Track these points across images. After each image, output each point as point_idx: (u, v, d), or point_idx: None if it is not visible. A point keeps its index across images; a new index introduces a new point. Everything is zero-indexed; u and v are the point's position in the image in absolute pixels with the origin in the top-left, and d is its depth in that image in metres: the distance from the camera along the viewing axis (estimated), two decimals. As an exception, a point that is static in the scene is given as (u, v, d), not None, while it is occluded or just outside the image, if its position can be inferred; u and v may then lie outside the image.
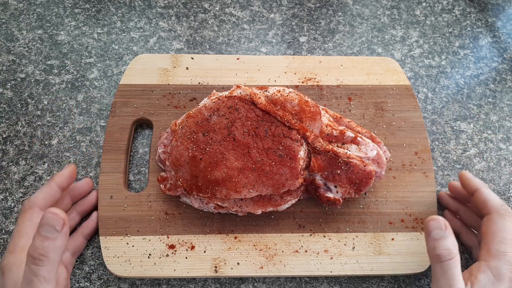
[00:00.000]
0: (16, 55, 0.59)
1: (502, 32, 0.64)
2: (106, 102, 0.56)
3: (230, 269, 0.45)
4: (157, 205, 0.48)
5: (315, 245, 0.47)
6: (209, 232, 0.47)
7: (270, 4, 0.65)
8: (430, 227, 0.38)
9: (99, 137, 0.54)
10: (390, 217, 0.49)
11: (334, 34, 0.63)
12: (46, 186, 0.43)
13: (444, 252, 0.36)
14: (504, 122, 0.57)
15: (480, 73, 0.61)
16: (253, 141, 0.44)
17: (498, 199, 0.42)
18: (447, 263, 0.36)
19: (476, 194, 0.43)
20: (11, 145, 0.53)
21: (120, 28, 0.62)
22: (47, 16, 0.62)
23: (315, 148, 0.44)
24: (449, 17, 0.65)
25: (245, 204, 0.45)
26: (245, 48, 0.61)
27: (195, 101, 0.53)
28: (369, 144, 0.46)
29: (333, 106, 0.54)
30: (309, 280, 0.47)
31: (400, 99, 0.54)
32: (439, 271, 0.37)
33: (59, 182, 0.43)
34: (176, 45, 0.61)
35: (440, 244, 0.37)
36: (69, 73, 0.58)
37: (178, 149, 0.45)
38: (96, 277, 0.47)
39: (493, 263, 0.38)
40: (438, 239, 0.37)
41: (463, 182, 0.46)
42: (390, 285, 0.47)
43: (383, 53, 0.62)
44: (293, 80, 0.55)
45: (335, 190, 0.45)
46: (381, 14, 0.65)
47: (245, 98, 0.46)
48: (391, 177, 0.50)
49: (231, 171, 0.43)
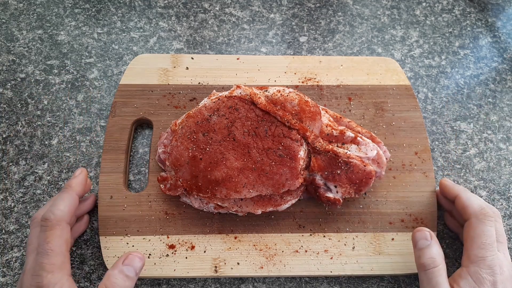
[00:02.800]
0: (16, 55, 0.59)
1: (502, 32, 0.64)
2: (106, 102, 0.56)
3: (230, 269, 0.45)
4: (157, 205, 0.48)
5: (315, 245, 0.47)
6: (209, 232, 0.47)
7: (270, 4, 0.65)
8: (416, 238, 0.41)
9: (99, 137, 0.54)
10: (390, 217, 0.49)
11: (334, 34, 0.63)
12: (68, 197, 0.41)
13: (428, 261, 0.39)
14: (504, 122, 0.57)
15: (480, 73, 0.61)
16: (253, 141, 0.44)
17: (478, 204, 0.41)
18: (432, 271, 0.38)
19: (456, 200, 0.44)
20: (11, 145, 0.53)
21: (120, 28, 0.62)
22: (47, 16, 0.62)
23: (315, 148, 0.44)
24: (449, 17, 0.65)
25: (245, 204, 0.45)
26: (245, 48, 0.61)
27: (195, 101, 0.53)
28: (369, 144, 0.46)
29: (333, 106, 0.54)
30: (309, 280, 0.47)
31: (400, 99, 0.54)
32: (425, 279, 0.39)
33: (79, 191, 0.42)
34: (176, 45, 0.61)
35: (425, 253, 0.39)
36: (69, 73, 0.58)
37: (178, 149, 0.45)
38: (96, 277, 0.47)
39: (472, 268, 0.38)
40: (423, 249, 0.40)
41: (443, 191, 0.47)
42: (390, 285, 0.47)
43: (383, 53, 0.62)
44: (293, 80, 0.55)
45: (335, 190, 0.45)
46: (381, 14, 0.65)
47: (245, 98, 0.46)
48: (391, 177, 0.50)
49: (231, 171, 0.43)
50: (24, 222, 0.49)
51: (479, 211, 0.41)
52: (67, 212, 0.39)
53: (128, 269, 0.38)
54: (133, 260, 0.39)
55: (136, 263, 0.39)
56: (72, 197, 0.41)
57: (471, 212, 0.41)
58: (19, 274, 0.47)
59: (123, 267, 0.38)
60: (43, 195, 0.50)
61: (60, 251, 0.37)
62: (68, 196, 0.41)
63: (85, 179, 0.44)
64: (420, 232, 0.41)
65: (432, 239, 0.40)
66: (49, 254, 0.37)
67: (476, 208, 0.41)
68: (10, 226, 0.49)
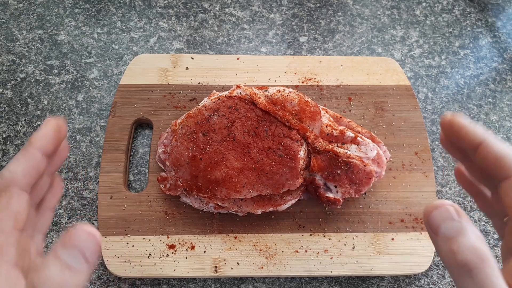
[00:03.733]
0: (16, 55, 0.59)
1: (502, 32, 0.64)
2: (106, 102, 0.56)
3: (230, 269, 0.45)
4: (157, 205, 0.48)
5: (315, 245, 0.47)
6: (209, 232, 0.47)
7: (270, 4, 0.65)
8: (435, 221, 0.24)
9: (99, 137, 0.54)
10: (390, 217, 0.49)
11: (334, 34, 0.63)
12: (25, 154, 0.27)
13: (472, 255, 0.22)
14: (504, 122, 0.57)
15: (480, 73, 0.61)
16: (253, 141, 0.44)
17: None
18: (482, 270, 0.22)
19: (482, 150, 0.27)
20: (11, 145, 0.53)
21: (120, 28, 0.62)
22: (47, 16, 0.62)
23: (315, 148, 0.44)
24: (449, 17, 0.65)
25: (245, 204, 0.45)
26: (245, 48, 0.61)
27: (195, 101, 0.53)
28: (369, 144, 0.46)
29: (333, 106, 0.54)
30: (309, 280, 0.47)
31: (400, 99, 0.54)
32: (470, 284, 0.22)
33: (44, 147, 0.27)
34: (176, 45, 0.61)
35: (461, 244, 0.23)
36: (69, 73, 0.58)
37: (178, 149, 0.45)
38: (96, 277, 0.47)
39: None
40: (455, 238, 0.23)
41: (457, 133, 0.28)
42: (390, 285, 0.47)
43: (383, 53, 0.62)
44: (293, 80, 0.55)
45: (335, 190, 0.45)
46: (381, 14, 0.65)
47: (245, 98, 0.46)
48: (391, 177, 0.50)
49: (231, 171, 0.43)
50: (24, 222, 0.49)
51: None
52: (19, 174, 0.26)
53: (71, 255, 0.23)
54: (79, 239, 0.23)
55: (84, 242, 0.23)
56: (31, 155, 0.27)
57: None
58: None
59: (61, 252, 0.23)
60: (43, 195, 0.50)
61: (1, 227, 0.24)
62: (25, 153, 0.27)
63: (55, 131, 0.28)
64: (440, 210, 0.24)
65: (462, 216, 0.24)
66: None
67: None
68: (10, 226, 0.49)
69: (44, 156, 0.28)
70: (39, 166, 0.27)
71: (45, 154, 0.28)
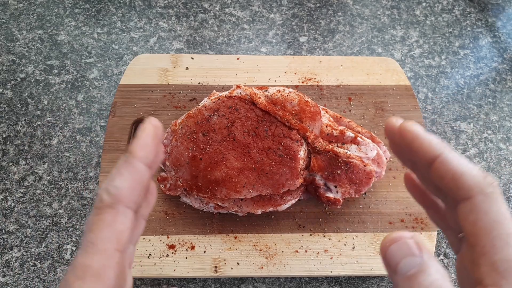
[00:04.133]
0: (16, 55, 0.59)
1: (502, 32, 0.64)
2: (106, 102, 0.56)
3: (230, 269, 0.45)
4: (157, 205, 0.48)
5: (315, 245, 0.47)
6: (209, 232, 0.47)
7: (270, 4, 0.65)
8: (393, 258, 0.21)
9: (99, 137, 0.54)
10: (390, 217, 0.49)
11: (334, 34, 0.63)
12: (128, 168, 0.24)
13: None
14: (504, 122, 0.57)
15: (480, 73, 0.61)
16: (253, 141, 0.44)
17: (477, 170, 0.22)
18: None
19: (438, 166, 0.23)
20: (11, 145, 0.53)
21: (120, 28, 0.62)
22: (47, 16, 0.62)
23: (315, 148, 0.44)
24: (449, 17, 0.65)
25: (245, 204, 0.45)
26: (245, 48, 0.61)
27: (195, 101, 0.53)
28: (369, 144, 0.46)
29: (333, 106, 0.54)
30: (309, 280, 0.47)
31: (400, 99, 0.54)
32: None
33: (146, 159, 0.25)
34: (176, 45, 0.61)
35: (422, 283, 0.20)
36: (69, 73, 0.58)
37: (178, 149, 0.45)
38: (96, 277, 0.47)
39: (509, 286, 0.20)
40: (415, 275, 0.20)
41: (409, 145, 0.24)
42: (390, 285, 0.47)
43: (383, 53, 0.62)
44: (293, 80, 0.55)
45: (335, 190, 0.45)
46: (381, 14, 0.65)
47: (245, 98, 0.46)
48: (391, 177, 0.50)
49: (231, 171, 0.43)
50: (24, 222, 0.49)
51: (485, 181, 0.22)
52: (125, 191, 0.24)
53: None
54: None
55: None
56: (135, 168, 0.25)
57: (472, 184, 0.22)
58: (19, 274, 0.47)
59: None
60: (43, 195, 0.50)
61: (103, 248, 0.23)
62: (128, 166, 0.25)
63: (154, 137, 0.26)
64: (398, 244, 0.21)
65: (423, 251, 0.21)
66: (87, 251, 0.23)
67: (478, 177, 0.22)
68: (10, 226, 0.49)
69: (148, 167, 0.26)
70: (143, 180, 0.25)
71: (148, 165, 0.26)
